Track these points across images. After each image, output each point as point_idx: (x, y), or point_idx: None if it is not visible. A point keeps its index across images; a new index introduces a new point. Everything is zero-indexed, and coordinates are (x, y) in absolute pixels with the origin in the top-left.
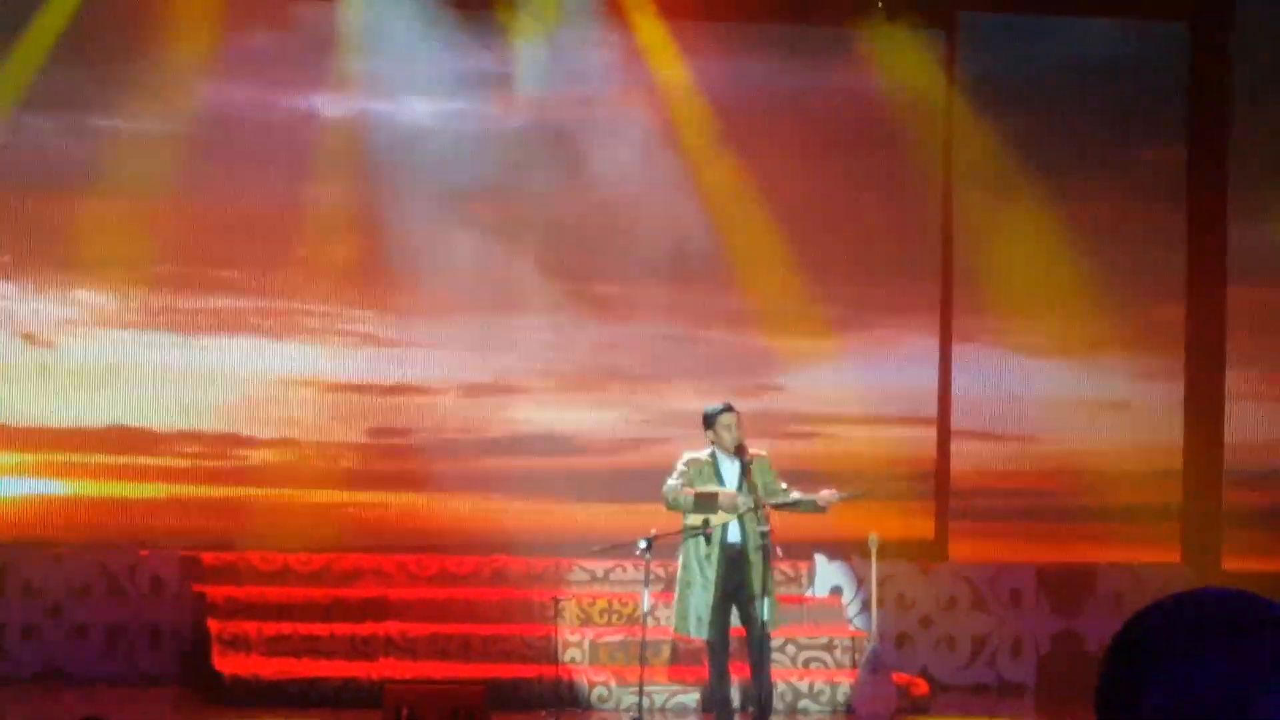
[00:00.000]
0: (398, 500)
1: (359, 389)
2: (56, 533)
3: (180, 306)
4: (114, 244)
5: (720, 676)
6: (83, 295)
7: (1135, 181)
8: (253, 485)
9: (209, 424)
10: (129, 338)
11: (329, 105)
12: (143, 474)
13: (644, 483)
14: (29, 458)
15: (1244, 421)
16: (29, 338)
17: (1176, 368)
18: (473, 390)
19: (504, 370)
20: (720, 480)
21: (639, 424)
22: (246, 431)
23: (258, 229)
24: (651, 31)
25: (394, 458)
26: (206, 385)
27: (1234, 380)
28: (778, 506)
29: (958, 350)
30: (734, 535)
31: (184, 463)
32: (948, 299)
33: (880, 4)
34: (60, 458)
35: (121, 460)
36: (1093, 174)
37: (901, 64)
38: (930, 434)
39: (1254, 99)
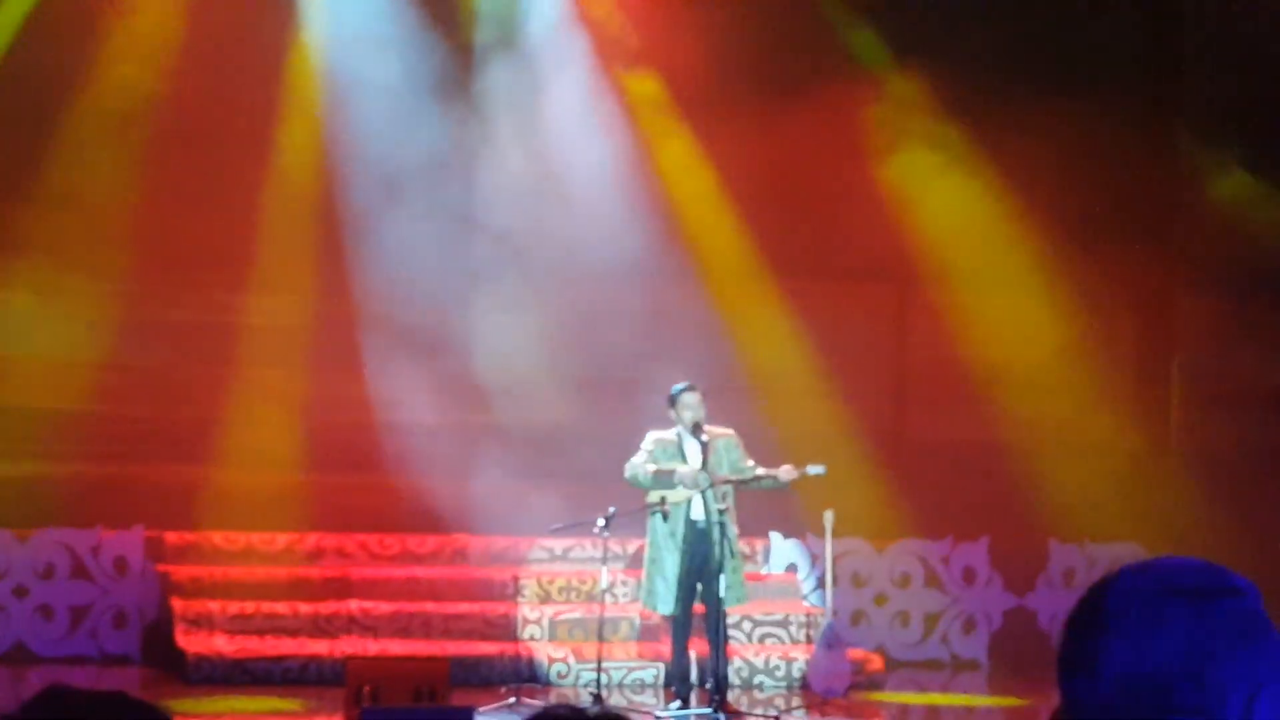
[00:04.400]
0: (359, 481)
1: (321, 374)
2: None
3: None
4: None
5: (681, 652)
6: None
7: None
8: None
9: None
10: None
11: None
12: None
13: (605, 462)
14: None
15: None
16: None
17: (1126, 338)
18: (435, 374)
19: (468, 355)
20: (683, 458)
21: (604, 403)
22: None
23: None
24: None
25: (355, 439)
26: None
27: (1184, 358)
28: (739, 484)
29: (913, 323)
30: (697, 513)
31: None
32: (904, 274)
33: None
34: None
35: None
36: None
37: (850, 38)
38: (886, 407)
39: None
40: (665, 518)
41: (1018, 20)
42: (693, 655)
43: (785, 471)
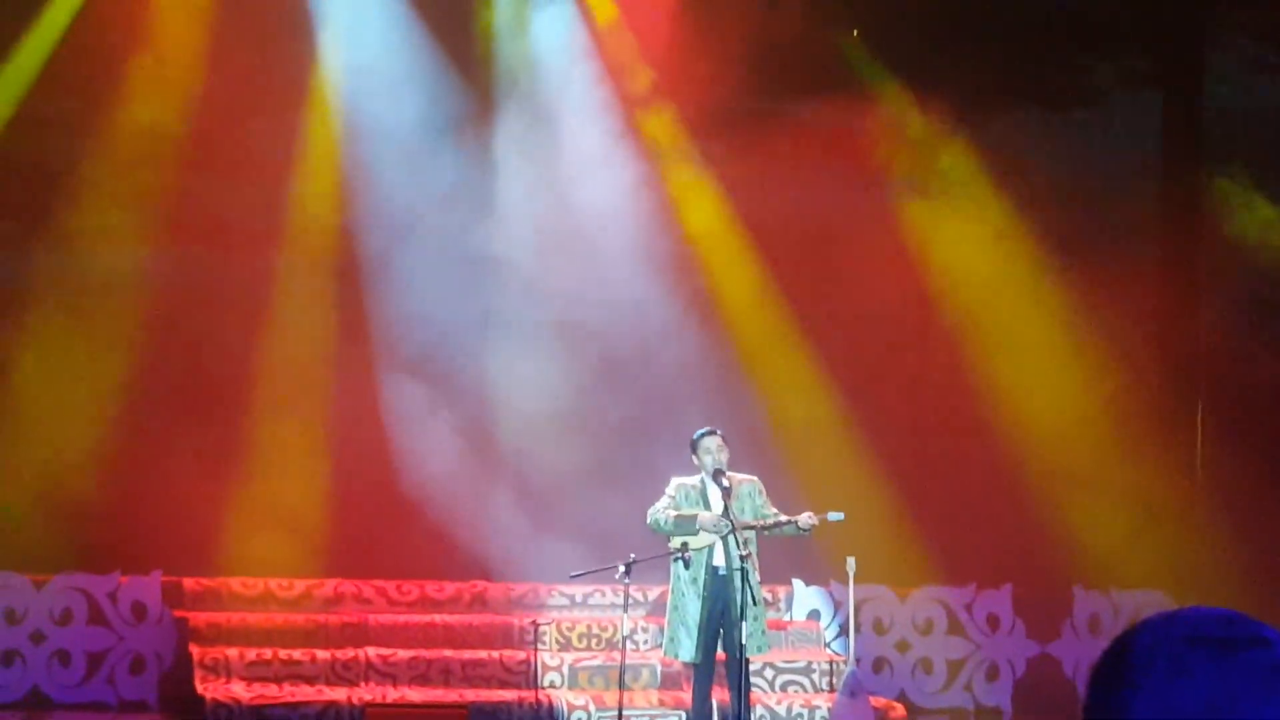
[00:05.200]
0: (377, 526)
1: (339, 419)
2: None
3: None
4: None
5: (703, 700)
6: None
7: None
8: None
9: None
10: None
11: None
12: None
13: (625, 507)
14: None
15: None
16: None
17: (1150, 380)
18: (454, 419)
19: (488, 400)
20: (706, 504)
21: (624, 446)
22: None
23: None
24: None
25: (373, 485)
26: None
27: (1209, 400)
28: (760, 530)
29: (934, 366)
30: (719, 559)
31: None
32: (925, 317)
33: (856, 33)
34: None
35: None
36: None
37: (868, 74)
38: (908, 452)
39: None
40: (687, 564)
41: (1039, 57)
42: (715, 703)
43: (805, 518)
